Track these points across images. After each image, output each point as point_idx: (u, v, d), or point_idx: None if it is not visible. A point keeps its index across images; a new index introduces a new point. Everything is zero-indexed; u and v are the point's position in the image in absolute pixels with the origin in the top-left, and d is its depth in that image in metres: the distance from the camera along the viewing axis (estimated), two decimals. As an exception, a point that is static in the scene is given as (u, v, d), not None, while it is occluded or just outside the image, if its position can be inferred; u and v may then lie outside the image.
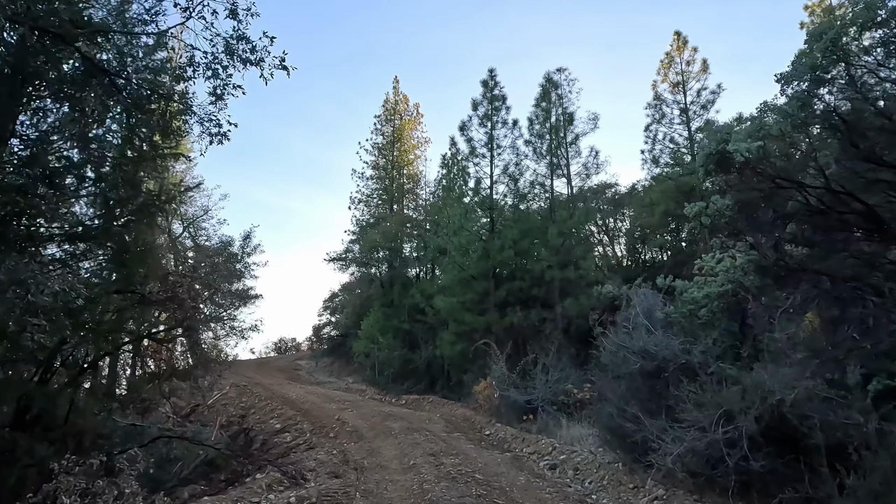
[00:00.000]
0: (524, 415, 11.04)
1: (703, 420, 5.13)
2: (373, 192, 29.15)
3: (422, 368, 19.14)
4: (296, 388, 19.68)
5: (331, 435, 11.95)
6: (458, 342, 16.02)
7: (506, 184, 17.27)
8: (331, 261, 25.19)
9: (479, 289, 15.79)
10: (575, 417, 10.31)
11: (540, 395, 10.71)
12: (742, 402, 4.95)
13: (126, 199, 5.62)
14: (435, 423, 12.44)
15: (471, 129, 17.48)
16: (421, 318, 20.00)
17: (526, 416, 10.85)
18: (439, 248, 20.46)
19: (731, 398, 5.09)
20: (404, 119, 30.08)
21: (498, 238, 15.86)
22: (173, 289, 8.26)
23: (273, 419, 15.13)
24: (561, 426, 9.79)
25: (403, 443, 9.97)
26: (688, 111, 18.19)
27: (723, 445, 4.78)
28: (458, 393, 16.56)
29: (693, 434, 5.06)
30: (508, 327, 15.14)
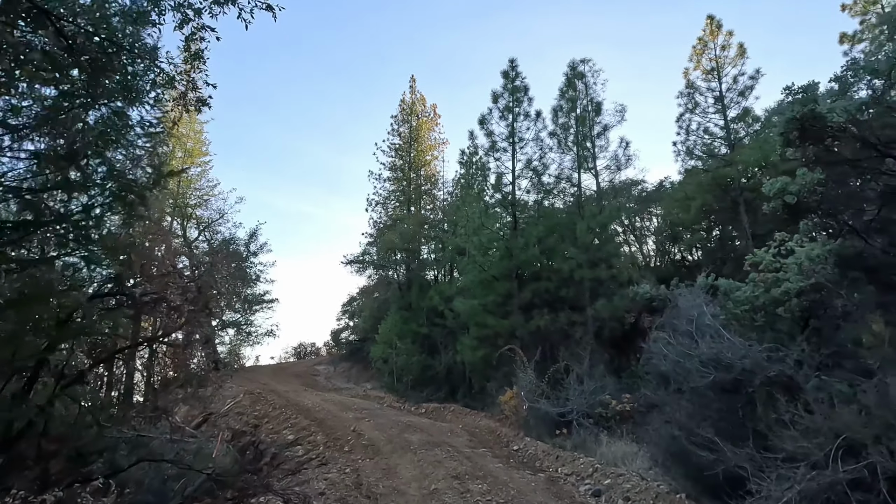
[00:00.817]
0: (556, 428, 9.86)
1: (813, 451, 3.91)
2: (390, 194, 28.27)
3: (442, 375, 18.04)
4: (312, 396, 18.75)
5: (345, 449, 10.92)
6: (479, 347, 14.89)
7: (529, 178, 16.15)
8: (348, 263, 24.36)
9: (502, 290, 14.64)
10: (615, 433, 9.07)
11: (574, 406, 9.50)
12: (867, 429, 3.74)
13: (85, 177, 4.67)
14: (457, 437, 11.31)
15: (491, 122, 16.44)
16: (440, 322, 18.93)
17: (559, 431, 9.65)
18: (458, 249, 19.39)
19: (850, 422, 3.88)
20: (421, 119, 29.18)
21: (521, 236, 14.72)
22: (163, 290, 7.30)
23: (286, 429, 14.18)
24: (600, 442, 8.59)
25: (423, 460, 8.87)
26: (723, 99, 16.82)
27: (846, 487, 3.58)
28: (482, 402, 15.41)
29: (803, 471, 3.85)
30: (534, 331, 13.96)
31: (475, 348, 14.84)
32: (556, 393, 10.32)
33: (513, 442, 10.72)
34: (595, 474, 7.25)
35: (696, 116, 17.12)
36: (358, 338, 28.45)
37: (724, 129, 16.67)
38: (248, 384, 20.93)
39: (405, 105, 29.10)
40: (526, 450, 9.92)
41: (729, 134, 16.56)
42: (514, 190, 15.90)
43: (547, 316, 13.28)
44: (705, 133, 17.28)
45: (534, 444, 9.94)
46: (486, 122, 16.46)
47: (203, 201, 25.65)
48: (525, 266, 14.63)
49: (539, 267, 14.42)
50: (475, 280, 15.25)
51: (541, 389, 10.56)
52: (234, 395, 18.09)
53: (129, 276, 7.45)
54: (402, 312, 20.88)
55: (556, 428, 9.87)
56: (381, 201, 28.19)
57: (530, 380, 10.82)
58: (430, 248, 24.43)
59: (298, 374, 27.62)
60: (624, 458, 7.59)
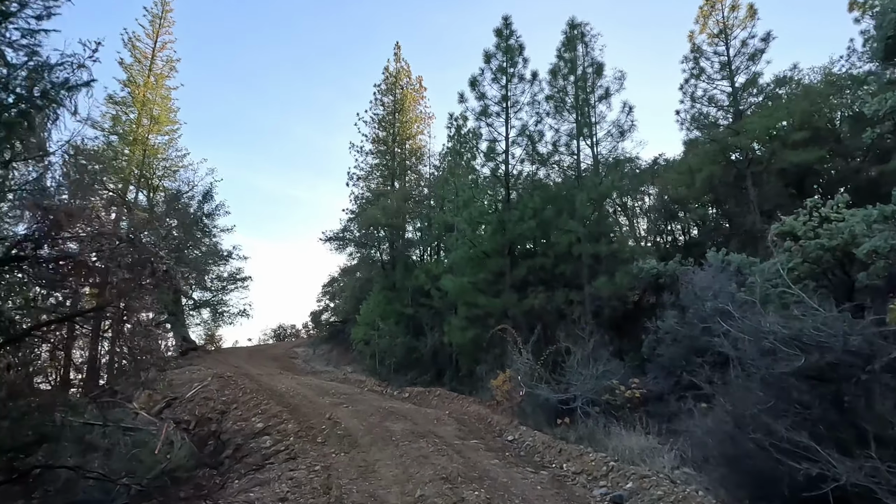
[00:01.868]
0: (557, 417, 8.68)
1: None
2: (373, 169, 26.64)
3: (427, 358, 16.82)
4: (287, 380, 17.38)
5: (318, 440, 9.63)
6: (469, 328, 13.66)
7: (523, 147, 14.77)
8: (327, 240, 22.81)
9: (494, 267, 13.37)
10: (626, 423, 7.93)
11: (578, 392, 8.32)
12: None
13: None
14: (445, 425, 10.09)
15: (483, 84, 14.96)
16: (426, 302, 17.65)
17: (560, 420, 8.48)
18: (446, 225, 18.04)
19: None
20: (406, 89, 27.46)
21: (515, 208, 13.39)
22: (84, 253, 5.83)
23: (256, 416, 12.81)
24: (610, 434, 7.42)
25: (407, 455, 7.63)
26: (731, 65, 15.60)
27: None
28: (470, 386, 14.25)
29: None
30: (528, 311, 12.77)
31: (464, 329, 13.61)
32: (557, 377, 9.14)
33: (507, 431, 9.55)
34: (611, 474, 6.08)
35: (702, 83, 15.93)
36: (339, 319, 27.06)
37: (732, 97, 15.50)
38: (219, 366, 19.45)
39: (389, 74, 27.33)
40: (522, 441, 8.75)
41: (737, 101, 15.41)
42: (508, 159, 14.54)
43: (542, 294, 12.08)
44: (710, 102, 16.11)
45: (531, 435, 8.78)
46: (477, 84, 14.97)
47: (171, 172, 23.75)
48: (519, 241, 13.37)
49: (534, 242, 13.16)
50: (465, 257, 13.95)
51: (539, 374, 9.37)
52: (202, 379, 16.62)
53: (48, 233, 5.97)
54: (386, 292, 19.53)
55: (557, 416, 8.72)
56: (364, 176, 26.58)
57: (527, 363, 9.62)
58: (415, 226, 23.02)
59: (276, 357, 26.15)
60: (642, 454, 6.44)
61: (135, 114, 24.08)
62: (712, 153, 14.57)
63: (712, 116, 15.78)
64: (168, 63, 26.05)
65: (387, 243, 21.69)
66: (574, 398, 8.39)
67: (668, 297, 10.37)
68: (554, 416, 8.75)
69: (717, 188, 14.91)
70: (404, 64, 27.68)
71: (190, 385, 16.41)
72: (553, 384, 8.96)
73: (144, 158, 22.54)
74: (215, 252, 23.42)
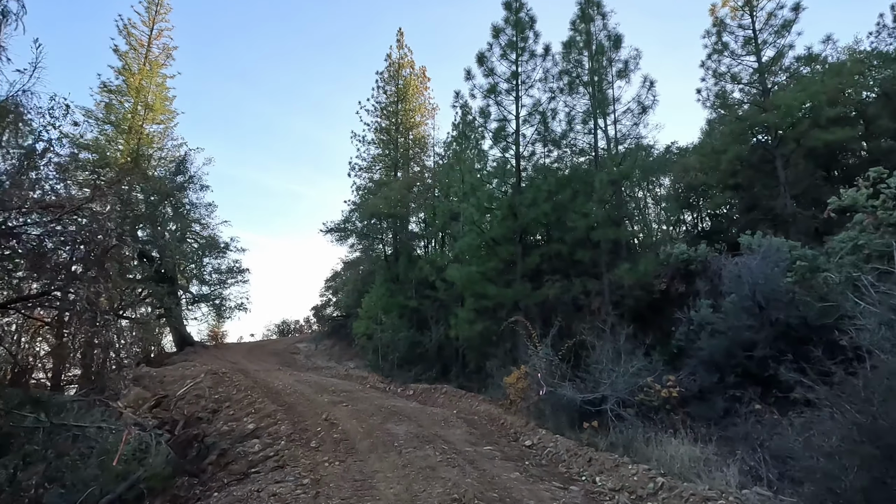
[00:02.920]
0: (583, 420, 7.48)
1: None
2: (375, 159, 25.45)
3: (432, 352, 15.67)
4: (285, 376, 16.26)
5: (312, 444, 8.50)
6: (477, 321, 12.50)
7: (535, 126, 13.54)
8: (327, 232, 21.64)
9: (504, 255, 12.19)
10: (664, 426, 6.73)
11: (608, 392, 7.13)
12: None
13: None
14: (453, 427, 8.93)
15: (491, 59, 13.73)
16: (431, 294, 16.51)
17: (587, 423, 7.29)
18: (451, 214, 16.85)
19: None
20: (409, 76, 26.21)
21: (527, 191, 12.19)
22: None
23: (248, 416, 11.70)
24: (649, 441, 6.22)
25: (411, 465, 6.47)
26: (756, 39, 14.30)
27: None
28: (478, 382, 13.10)
29: None
30: (542, 302, 11.57)
31: (472, 322, 12.44)
32: (582, 374, 7.95)
33: (523, 435, 8.38)
34: (661, 493, 4.90)
35: (725, 58, 14.62)
36: (341, 313, 25.93)
37: (758, 73, 14.20)
38: (215, 362, 18.39)
39: (392, 61, 26.09)
40: (542, 446, 7.58)
41: (763, 78, 14.11)
42: (519, 139, 13.32)
43: (559, 284, 10.87)
44: (733, 80, 14.82)
45: (552, 440, 7.61)
46: (485, 59, 13.75)
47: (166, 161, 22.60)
48: (532, 227, 12.17)
49: (548, 227, 11.95)
50: (472, 245, 12.76)
51: (560, 371, 8.18)
52: (195, 376, 15.52)
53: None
54: (389, 284, 18.38)
55: (582, 418, 7.52)
56: (366, 166, 25.39)
57: (545, 358, 8.43)
58: (419, 216, 21.82)
59: (276, 352, 25.07)
60: (695, 467, 5.25)
61: (130, 102, 23.01)
62: (738, 132, 13.32)
63: (737, 94, 14.52)
64: (165, 50, 24.96)
65: (390, 234, 20.52)
66: (603, 398, 7.20)
67: (701, 285, 9.16)
68: (578, 419, 7.58)
69: (743, 170, 13.66)
70: (407, 51, 26.45)
71: (182, 382, 15.32)
72: (578, 382, 7.77)
73: (139, 148, 21.43)
74: (213, 244, 22.33)
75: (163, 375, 16.19)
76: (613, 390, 7.17)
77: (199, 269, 22.65)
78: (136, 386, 15.45)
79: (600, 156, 12.82)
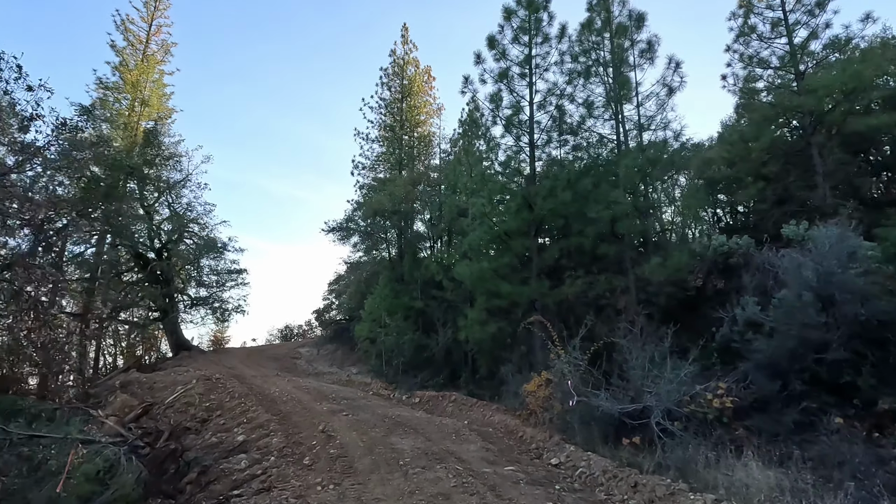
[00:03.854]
0: (622, 435, 6.29)
1: None
2: (379, 157, 24.38)
3: (439, 357, 14.50)
4: (283, 383, 15.12)
5: (305, 460, 7.34)
6: (489, 322, 11.35)
7: (550, 113, 12.43)
8: (329, 231, 20.55)
9: (520, 249, 11.03)
10: (721, 443, 5.54)
11: (652, 402, 5.94)
12: None
13: None
14: (467, 442, 7.76)
15: (503, 42, 12.65)
16: (437, 295, 15.37)
17: (628, 438, 6.09)
18: (458, 210, 15.72)
19: None
20: (415, 74, 25.20)
21: (545, 180, 11.06)
22: None
23: (240, 427, 10.56)
24: (710, 462, 5.02)
25: (420, 491, 5.32)
26: (787, 19, 13.16)
27: None
28: (490, 389, 11.93)
29: None
30: (561, 301, 10.39)
31: (483, 323, 11.29)
32: (618, 382, 6.76)
33: (547, 451, 7.21)
34: (747, 539, 3.70)
35: (754, 40, 13.49)
36: (343, 317, 24.79)
37: (790, 56, 13.05)
38: (210, 368, 17.29)
39: (397, 57, 25.10)
40: (572, 466, 6.40)
41: (796, 59, 12.95)
42: (533, 125, 12.23)
43: (581, 281, 9.69)
44: (760, 64, 13.67)
45: (582, 458, 6.42)
46: (496, 42, 12.69)
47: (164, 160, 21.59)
48: (549, 219, 11.03)
49: (567, 219, 10.80)
50: (484, 239, 11.63)
51: (591, 378, 7.00)
52: (187, 382, 14.39)
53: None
54: (393, 285, 17.25)
55: (619, 433, 6.33)
56: (370, 165, 24.35)
57: (571, 363, 7.25)
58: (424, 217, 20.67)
59: (277, 357, 23.93)
60: (779, 497, 4.05)
61: (127, 99, 22.09)
62: (771, 118, 12.17)
63: (766, 81, 13.36)
64: (163, 47, 24.09)
65: (395, 230, 19.39)
66: (645, 409, 6.02)
67: (747, 279, 7.97)
68: (614, 433, 6.39)
69: (775, 160, 12.48)
70: (412, 46, 25.45)
71: (173, 388, 14.19)
72: (615, 391, 6.58)
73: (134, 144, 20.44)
74: (211, 245, 21.26)
75: (153, 381, 15.09)
76: (658, 400, 5.99)
77: (196, 270, 21.59)
78: (123, 392, 14.36)
79: (623, 143, 11.67)
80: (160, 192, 20.94)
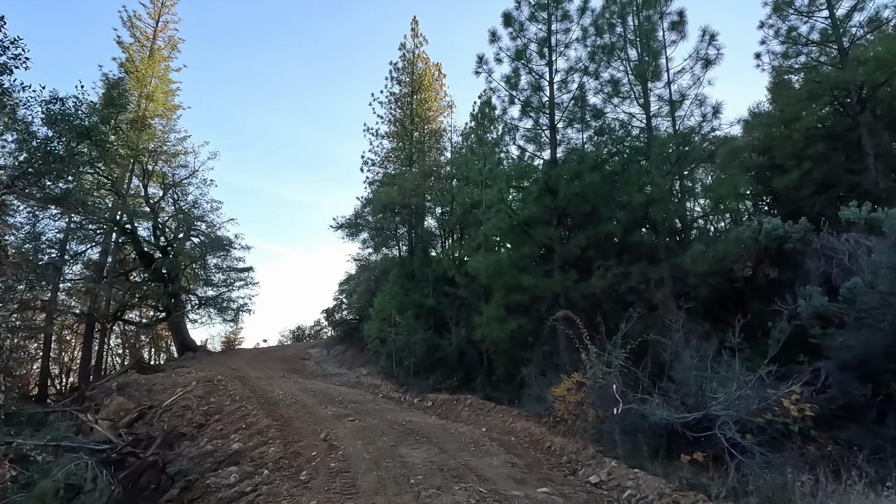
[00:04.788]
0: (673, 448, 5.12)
1: None
2: (389, 153, 23.40)
3: (453, 357, 13.40)
4: (288, 385, 14.12)
5: (302, 475, 6.31)
6: (508, 319, 10.21)
7: (572, 93, 11.31)
8: (338, 228, 19.58)
9: (542, 238, 9.90)
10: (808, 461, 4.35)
11: (719, 410, 4.76)
12: None
13: None
14: (488, 454, 6.64)
15: (520, 18, 11.57)
16: (450, 291, 14.28)
17: (687, 453, 4.92)
18: (472, 202, 14.63)
19: None
20: (425, 68, 24.19)
21: (568, 162, 9.93)
22: None
23: (237, 433, 9.56)
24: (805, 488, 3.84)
25: (436, 522, 4.22)
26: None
27: None
28: (509, 393, 10.81)
29: None
30: (588, 296, 9.23)
31: (502, 320, 10.18)
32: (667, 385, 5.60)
33: (583, 466, 6.06)
34: None
35: (791, 16, 12.25)
36: (353, 317, 23.78)
37: (832, 28, 11.80)
38: (214, 369, 16.37)
39: (406, 51, 24.13)
40: (618, 486, 5.25)
41: (839, 33, 11.69)
42: (553, 105, 11.11)
43: (613, 272, 8.53)
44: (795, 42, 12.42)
45: (629, 476, 5.28)
46: (512, 20, 11.63)
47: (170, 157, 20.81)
48: (574, 205, 9.86)
49: (594, 205, 9.64)
50: (502, 228, 10.50)
51: (636, 380, 5.85)
52: (187, 384, 13.46)
53: None
54: (403, 282, 16.20)
55: (675, 447, 5.16)
56: (379, 161, 23.38)
57: (611, 364, 6.10)
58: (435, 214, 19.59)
59: (285, 359, 22.98)
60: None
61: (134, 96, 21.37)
62: (815, 95, 10.93)
63: (808, 54, 12.10)
64: (170, 43, 23.40)
65: (406, 226, 18.34)
66: (709, 419, 4.86)
67: (812, 265, 6.77)
68: (665, 446, 5.22)
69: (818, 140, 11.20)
70: (422, 39, 24.47)
71: (172, 390, 13.25)
72: (666, 397, 5.43)
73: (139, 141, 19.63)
74: (217, 242, 20.38)
75: (152, 383, 14.20)
76: (726, 408, 4.83)
77: (203, 269, 20.73)
78: (120, 395, 13.46)
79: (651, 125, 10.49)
80: (165, 188, 20.13)
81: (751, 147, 13.45)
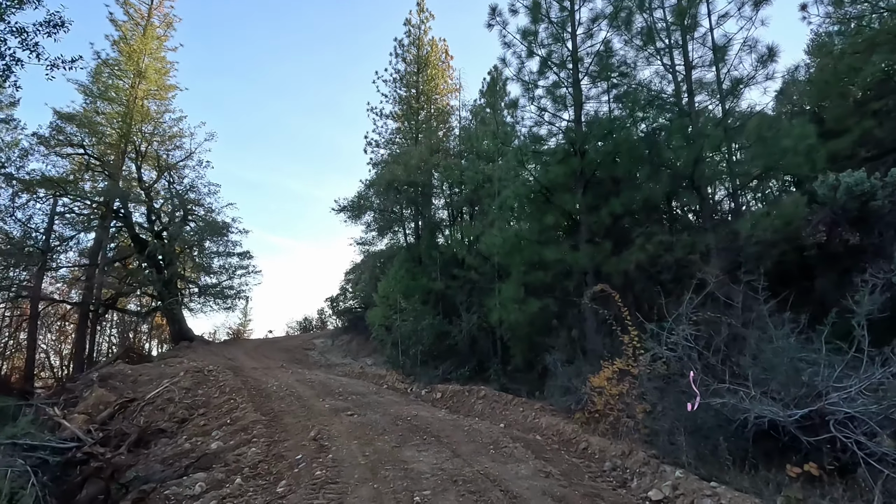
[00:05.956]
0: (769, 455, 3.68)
1: None
2: (394, 134, 21.94)
3: (464, 345, 12.02)
4: (285, 375, 12.86)
5: (280, 487, 5.00)
6: (528, 300, 8.79)
7: (596, 48, 9.78)
8: (340, 210, 18.19)
9: (568, 205, 8.44)
10: None
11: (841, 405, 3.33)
12: None
13: None
14: (512, 458, 5.28)
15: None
16: (460, 274, 12.88)
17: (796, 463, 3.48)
18: (485, 177, 13.17)
19: None
20: (431, 44, 22.63)
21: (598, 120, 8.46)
22: None
23: (220, 429, 8.30)
24: None
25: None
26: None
27: None
28: (527, 383, 9.44)
29: None
30: (623, 272, 7.77)
31: (522, 301, 8.75)
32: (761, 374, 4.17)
33: (634, 475, 4.69)
34: None
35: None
36: (358, 305, 22.49)
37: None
38: (208, 359, 15.16)
39: (412, 27, 22.56)
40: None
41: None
42: (576, 57, 9.60)
43: (658, 238, 7.05)
44: None
45: (704, 491, 3.89)
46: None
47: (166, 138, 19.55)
48: (604, 165, 8.36)
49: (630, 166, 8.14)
50: (519, 195, 9.04)
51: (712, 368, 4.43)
52: (174, 375, 12.23)
53: None
54: (409, 265, 14.84)
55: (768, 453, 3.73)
56: (384, 142, 21.93)
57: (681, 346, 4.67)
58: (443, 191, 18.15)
59: (288, 349, 21.75)
60: None
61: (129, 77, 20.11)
62: (882, 41, 9.33)
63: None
64: (165, 20, 22.06)
65: (411, 206, 16.92)
66: (821, 416, 3.44)
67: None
68: (751, 453, 3.80)
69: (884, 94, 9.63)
70: (429, 15, 22.89)
71: (159, 382, 12.03)
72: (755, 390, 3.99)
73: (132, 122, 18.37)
74: (214, 228, 19.11)
75: (138, 374, 13.00)
76: (844, 404, 3.41)
77: (200, 254, 19.48)
78: (101, 387, 12.27)
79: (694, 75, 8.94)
80: (160, 170, 18.87)
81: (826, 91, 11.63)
